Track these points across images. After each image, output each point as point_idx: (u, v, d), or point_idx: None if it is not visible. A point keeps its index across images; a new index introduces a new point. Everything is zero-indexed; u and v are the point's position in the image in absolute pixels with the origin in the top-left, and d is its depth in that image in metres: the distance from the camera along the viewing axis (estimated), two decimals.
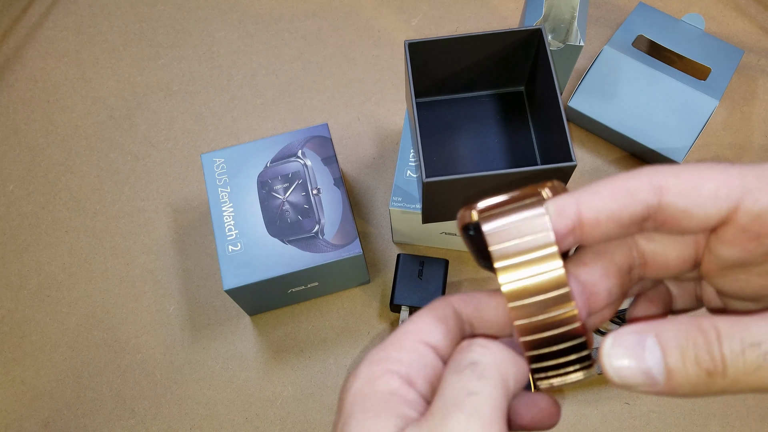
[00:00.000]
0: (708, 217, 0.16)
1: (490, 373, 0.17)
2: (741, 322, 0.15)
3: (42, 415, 0.50)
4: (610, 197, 0.16)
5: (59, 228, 0.57)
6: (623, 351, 0.16)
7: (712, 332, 0.15)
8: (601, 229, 0.17)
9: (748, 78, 0.62)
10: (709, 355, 0.15)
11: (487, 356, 0.17)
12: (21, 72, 0.65)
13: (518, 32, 0.46)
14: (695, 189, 0.16)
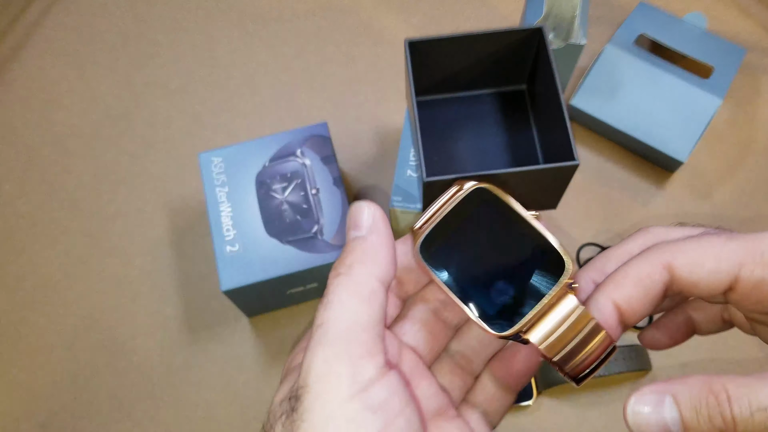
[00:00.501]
0: (713, 288, 0.19)
1: (337, 295, 0.19)
2: (749, 385, 0.17)
3: (38, 418, 0.49)
4: (634, 287, 0.19)
5: (55, 228, 0.56)
6: (645, 409, 0.18)
7: (723, 394, 0.17)
8: (636, 314, 0.20)
9: (751, 77, 0.62)
10: (721, 416, 0.17)
11: (335, 281, 0.19)
12: (18, 71, 0.64)
13: (519, 31, 0.45)
14: (698, 266, 0.19)
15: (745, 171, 0.57)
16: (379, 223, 0.20)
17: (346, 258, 0.19)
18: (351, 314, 0.18)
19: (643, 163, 0.58)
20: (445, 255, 0.20)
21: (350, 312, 0.18)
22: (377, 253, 0.19)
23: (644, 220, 0.55)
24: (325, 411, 0.16)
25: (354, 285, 0.18)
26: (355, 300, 0.18)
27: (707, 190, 0.57)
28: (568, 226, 0.55)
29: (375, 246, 0.19)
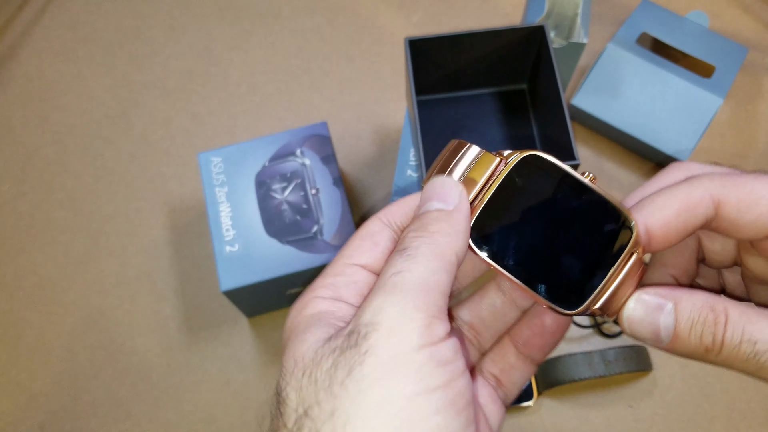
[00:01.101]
0: (759, 231, 0.18)
1: (421, 252, 0.18)
2: (748, 315, 0.17)
3: (37, 418, 0.49)
4: (674, 214, 0.18)
5: (54, 228, 0.56)
6: (642, 307, 0.18)
7: (722, 316, 0.17)
8: (667, 241, 0.19)
9: (753, 76, 0.62)
10: (712, 335, 0.17)
11: (417, 240, 0.18)
12: (16, 70, 0.64)
13: (520, 29, 0.45)
14: (751, 205, 0.18)
15: (746, 170, 0.57)
16: (465, 203, 0.19)
17: (430, 225, 0.19)
18: (432, 274, 0.18)
19: (644, 162, 0.57)
20: (500, 238, 0.18)
21: (431, 272, 0.18)
22: (460, 230, 0.19)
23: None
24: (395, 351, 0.16)
25: (439, 250, 0.18)
26: (438, 263, 0.18)
27: None
28: None
29: (460, 223, 0.19)
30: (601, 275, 0.18)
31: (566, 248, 0.18)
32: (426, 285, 0.17)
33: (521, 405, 0.47)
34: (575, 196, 0.18)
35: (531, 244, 0.18)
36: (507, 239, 0.18)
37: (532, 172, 0.19)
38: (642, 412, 0.48)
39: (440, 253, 0.18)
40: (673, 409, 0.48)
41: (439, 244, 0.18)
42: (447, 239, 0.18)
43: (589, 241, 0.18)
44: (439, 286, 0.18)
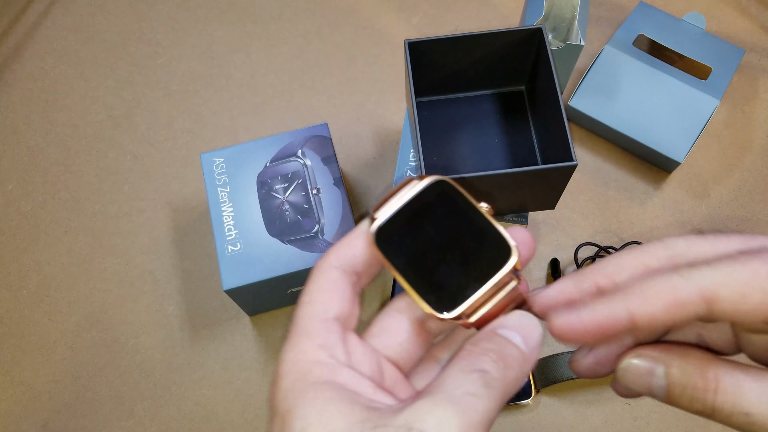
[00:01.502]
0: (756, 320, 0.17)
1: (497, 386, 0.18)
2: (740, 384, 0.17)
3: (41, 416, 0.50)
4: (662, 310, 0.18)
5: (58, 228, 0.57)
6: (635, 370, 0.19)
7: (713, 383, 0.17)
8: (653, 333, 0.20)
9: (749, 77, 0.62)
10: (702, 402, 0.18)
11: (498, 370, 0.18)
12: (20, 71, 0.65)
13: (519, 31, 0.46)
14: (745, 297, 0.17)
15: (742, 171, 0.58)
16: (537, 352, 0.20)
17: (510, 360, 0.19)
18: (495, 410, 0.18)
19: (640, 163, 0.58)
20: (399, 242, 0.21)
21: (496, 408, 0.18)
22: (526, 376, 0.19)
23: (642, 220, 0.56)
24: None
25: (509, 390, 0.19)
26: (503, 401, 0.18)
27: (704, 190, 0.57)
28: (566, 226, 0.56)
29: (529, 370, 0.19)
30: (475, 290, 0.20)
31: (450, 262, 0.21)
32: (489, 418, 0.17)
33: (519, 403, 0.48)
34: (470, 220, 0.21)
35: (422, 254, 0.21)
36: (402, 246, 0.21)
37: (438, 194, 0.22)
38: (640, 409, 0.48)
39: (508, 393, 0.18)
40: (670, 407, 0.48)
41: (510, 383, 0.18)
42: (516, 384, 0.18)
43: (472, 259, 0.21)
44: (492, 422, 0.18)
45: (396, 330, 0.22)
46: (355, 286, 0.22)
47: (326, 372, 0.19)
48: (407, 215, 0.21)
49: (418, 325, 0.22)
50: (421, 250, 0.21)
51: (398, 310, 0.23)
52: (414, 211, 0.21)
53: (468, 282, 0.20)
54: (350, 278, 0.22)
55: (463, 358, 0.19)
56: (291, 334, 0.20)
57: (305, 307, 0.21)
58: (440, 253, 0.21)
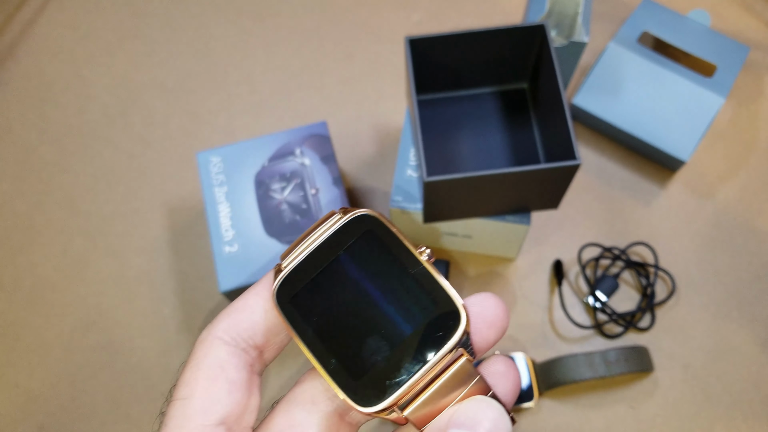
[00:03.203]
0: None
1: None
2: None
3: (36, 419, 0.49)
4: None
5: (53, 228, 0.56)
6: None
7: None
8: None
9: (755, 75, 0.61)
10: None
11: None
12: (14, 70, 0.64)
13: (521, 28, 0.45)
14: None
15: (747, 170, 0.57)
16: None
17: None
18: None
19: (645, 162, 0.57)
20: (310, 301, 0.16)
21: None
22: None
23: (646, 220, 0.55)
24: None
25: None
26: None
27: (709, 189, 0.56)
28: (570, 226, 0.55)
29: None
30: (411, 372, 0.15)
31: (376, 331, 0.15)
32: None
33: (522, 406, 0.47)
34: (403, 272, 0.16)
35: (339, 317, 0.16)
36: (314, 306, 0.16)
37: (362, 234, 0.16)
38: (643, 413, 0.48)
39: None
40: (674, 411, 0.48)
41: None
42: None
43: (405, 326, 0.15)
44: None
45: (311, 426, 0.16)
46: (253, 365, 0.16)
47: None
48: (321, 264, 0.16)
49: (337, 417, 0.16)
50: (338, 314, 0.16)
51: (313, 397, 0.16)
52: (330, 258, 0.16)
53: (400, 360, 0.15)
54: (245, 357, 0.16)
55: None
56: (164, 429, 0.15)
57: (179, 405, 0.15)
58: (363, 319, 0.15)
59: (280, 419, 0.16)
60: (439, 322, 0.15)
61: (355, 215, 0.17)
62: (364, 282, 0.16)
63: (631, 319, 0.50)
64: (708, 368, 0.49)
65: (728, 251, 0.53)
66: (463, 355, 0.15)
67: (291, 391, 0.17)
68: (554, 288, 0.52)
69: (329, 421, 0.16)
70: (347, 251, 0.16)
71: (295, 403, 0.17)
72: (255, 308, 0.16)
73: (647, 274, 0.52)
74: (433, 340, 0.15)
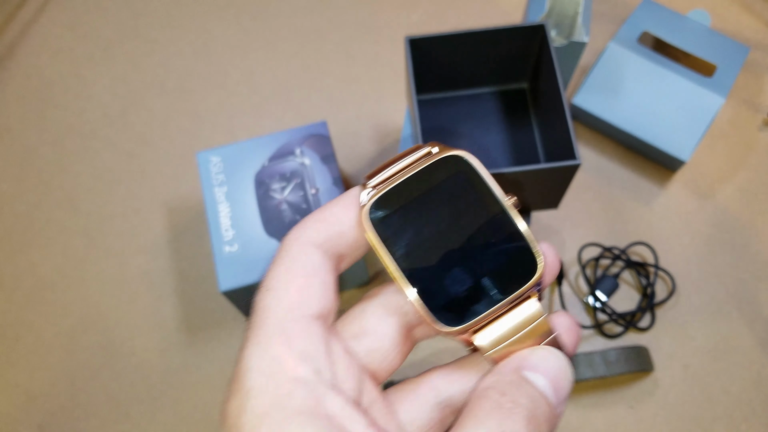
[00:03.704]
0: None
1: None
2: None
3: (36, 419, 0.49)
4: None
5: (53, 228, 0.56)
6: None
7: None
8: None
9: (755, 75, 0.61)
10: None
11: (532, 427, 0.15)
12: (14, 69, 0.64)
13: (521, 28, 0.45)
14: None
15: (747, 170, 0.57)
16: (563, 406, 0.17)
17: (538, 413, 0.16)
18: None
19: (645, 162, 0.57)
20: (398, 224, 0.16)
21: None
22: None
23: (646, 220, 0.55)
24: None
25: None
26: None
27: (709, 189, 0.56)
28: (570, 226, 0.55)
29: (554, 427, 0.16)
30: (487, 304, 0.16)
31: (460, 262, 0.16)
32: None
33: None
34: (488, 213, 0.17)
35: (425, 244, 0.17)
36: (402, 229, 0.17)
37: (455, 173, 0.17)
38: (643, 412, 0.48)
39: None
40: (674, 410, 0.48)
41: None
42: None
43: (487, 264, 0.16)
44: None
45: (382, 334, 0.17)
46: (335, 272, 0.17)
47: (310, 399, 0.14)
48: (411, 193, 0.17)
49: (405, 330, 0.18)
50: (424, 240, 0.16)
51: (386, 308, 0.18)
52: (421, 188, 0.17)
53: (480, 292, 0.16)
54: (332, 262, 0.17)
55: (488, 413, 0.15)
56: (257, 330, 0.15)
57: (276, 296, 0.16)
58: (448, 251, 0.16)
59: (355, 324, 0.18)
60: (519, 263, 0.16)
61: (451, 154, 0.17)
62: (452, 217, 0.17)
63: (631, 319, 0.50)
64: (708, 368, 0.49)
65: (728, 251, 0.53)
66: (533, 296, 0.17)
67: (362, 302, 0.18)
68: (554, 288, 0.52)
69: (397, 333, 0.17)
70: (439, 186, 0.17)
71: (367, 313, 0.18)
72: (344, 220, 0.17)
73: (647, 274, 0.52)
74: (513, 278, 0.16)
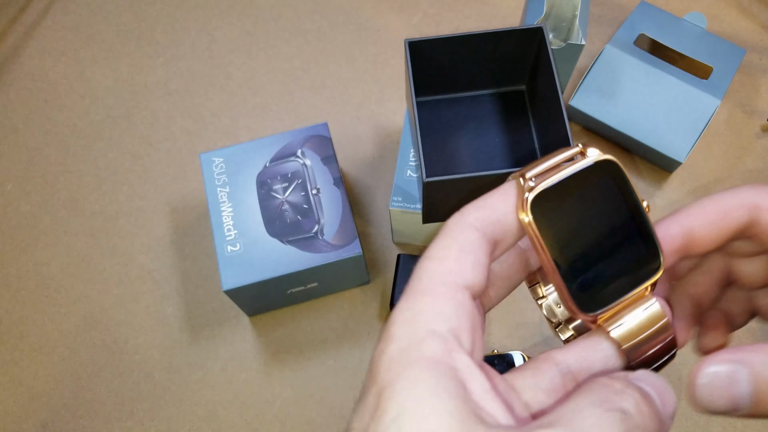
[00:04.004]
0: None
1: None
2: None
3: (40, 417, 0.49)
4: (711, 217, 0.19)
5: (57, 228, 0.57)
6: (715, 381, 0.17)
7: None
8: (702, 245, 0.20)
9: (751, 77, 0.62)
10: None
11: (640, 416, 0.16)
12: (19, 71, 0.65)
13: (519, 31, 0.46)
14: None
15: (742, 171, 0.58)
16: (671, 420, 0.18)
17: (645, 415, 0.17)
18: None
19: (641, 163, 0.58)
20: (552, 218, 0.18)
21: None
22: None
23: None
24: None
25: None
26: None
27: (705, 190, 0.57)
28: None
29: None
30: (618, 294, 0.19)
31: (599, 255, 0.19)
32: None
33: None
34: (629, 215, 0.19)
35: (572, 237, 0.19)
36: (554, 223, 0.19)
37: (604, 176, 0.19)
38: None
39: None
40: None
41: (647, 426, 0.16)
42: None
43: (621, 259, 0.19)
44: None
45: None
46: (490, 255, 0.18)
47: (440, 350, 0.16)
48: (566, 190, 0.19)
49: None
50: (573, 233, 0.19)
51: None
52: (574, 187, 0.19)
53: (615, 282, 0.19)
54: (488, 245, 0.18)
55: (597, 391, 0.16)
56: (410, 291, 0.17)
57: (433, 263, 0.17)
58: (593, 244, 0.19)
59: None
60: (647, 261, 0.19)
61: (605, 159, 0.19)
62: (600, 215, 0.19)
63: None
64: None
65: None
66: (652, 296, 0.19)
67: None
68: None
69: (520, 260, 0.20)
70: (591, 186, 0.19)
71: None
72: (501, 208, 0.18)
73: None
74: (638, 275, 0.19)
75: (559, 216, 0.19)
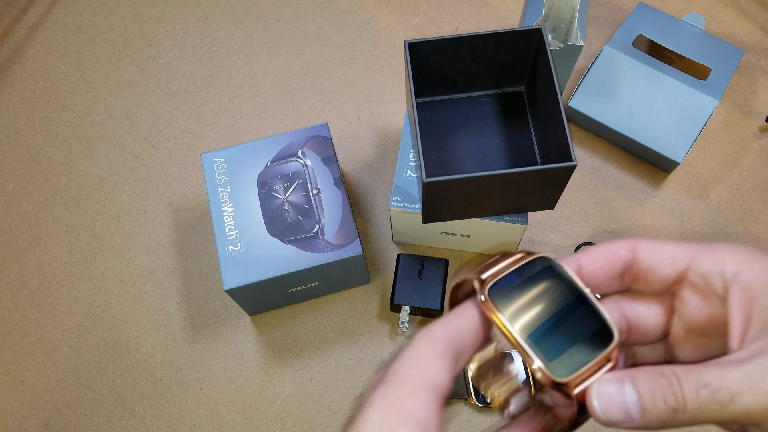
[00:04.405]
0: (667, 273, 0.21)
1: None
2: (693, 368, 0.19)
3: (42, 415, 0.50)
4: (598, 255, 0.23)
5: (59, 228, 0.57)
6: (606, 394, 0.20)
7: (673, 377, 0.19)
8: (594, 276, 0.23)
9: (748, 78, 0.62)
10: (673, 395, 0.19)
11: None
12: (21, 72, 0.65)
13: (518, 32, 0.46)
14: (659, 251, 0.22)
15: (741, 171, 0.58)
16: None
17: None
18: None
19: (640, 163, 0.58)
20: (509, 305, 0.22)
21: None
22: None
23: (641, 220, 0.56)
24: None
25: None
26: None
27: (703, 190, 0.57)
28: (566, 226, 0.56)
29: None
30: (584, 361, 0.21)
31: (556, 332, 0.21)
32: None
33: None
34: (577, 296, 0.22)
35: (530, 319, 0.22)
36: (512, 308, 0.22)
37: (545, 269, 0.23)
38: None
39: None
40: None
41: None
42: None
43: (583, 333, 0.22)
44: None
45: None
46: (454, 366, 0.21)
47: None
48: (515, 283, 0.22)
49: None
50: (530, 317, 0.22)
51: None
52: (521, 280, 0.22)
53: (575, 353, 0.21)
54: (451, 354, 0.21)
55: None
56: (383, 388, 0.20)
57: (404, 365, 0.20)
58: (551, 321, 0.22)
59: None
60: (600, 334, 0.21)
61: (540, 256, 0.23)
62: (548, 300, 0.22)
63: None
64: None
65: None
66: (611, 361, 0.21)
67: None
68: None
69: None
70: (535, 275, 0.22)
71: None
72: (462, 323, 0.22)
73: None
74: (596, 345, 0.21)
75: (516, 305, 0.22)
